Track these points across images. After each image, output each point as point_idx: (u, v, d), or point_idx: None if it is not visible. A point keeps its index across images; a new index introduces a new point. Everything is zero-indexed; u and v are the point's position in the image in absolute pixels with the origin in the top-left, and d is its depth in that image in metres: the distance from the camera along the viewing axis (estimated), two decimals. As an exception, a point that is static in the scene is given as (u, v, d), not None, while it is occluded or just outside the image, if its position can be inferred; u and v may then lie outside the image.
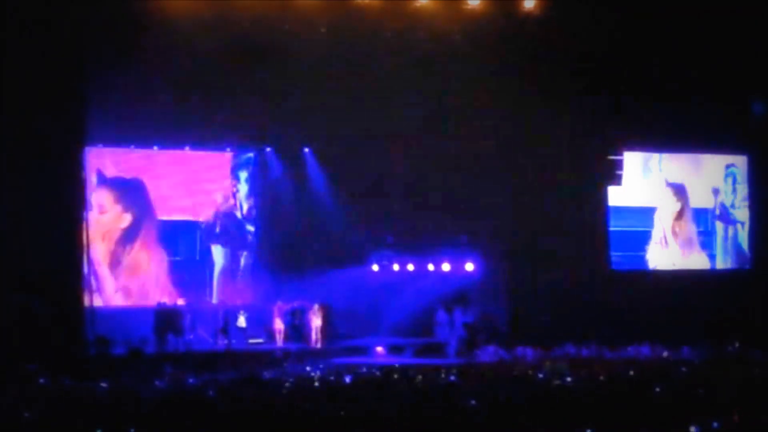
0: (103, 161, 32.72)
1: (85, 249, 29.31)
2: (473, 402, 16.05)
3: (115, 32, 27.65)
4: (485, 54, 30.83)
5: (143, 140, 33.07)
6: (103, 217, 32.98)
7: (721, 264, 37.21)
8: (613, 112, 33.25)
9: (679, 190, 36.55)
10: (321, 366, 25.71)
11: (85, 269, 29.57)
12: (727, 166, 37.22)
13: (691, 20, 31.97)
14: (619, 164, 33.85)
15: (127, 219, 33.38)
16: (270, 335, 32.03)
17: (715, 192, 37.14)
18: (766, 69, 33.53)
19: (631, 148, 34.93)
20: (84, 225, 29.15)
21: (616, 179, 33.92)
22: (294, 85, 30.98)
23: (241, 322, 32.03)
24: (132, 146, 33.14)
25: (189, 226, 34.08)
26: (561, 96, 32.13)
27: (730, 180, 37.30)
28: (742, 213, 37.41)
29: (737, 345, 29.68)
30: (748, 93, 35.07)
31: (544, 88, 31.79)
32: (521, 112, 32.04)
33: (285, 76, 30.54)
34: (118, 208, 33.30)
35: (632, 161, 35.01)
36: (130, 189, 33.44)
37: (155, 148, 33.57)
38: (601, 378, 20.45)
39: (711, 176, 37.14)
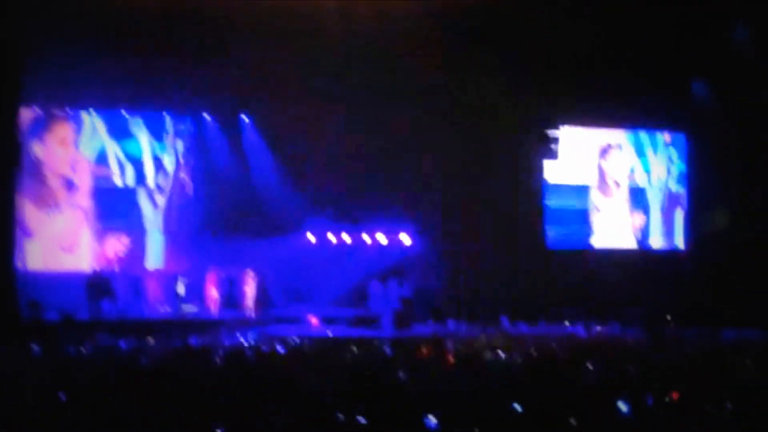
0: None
1: (16, 211, 28.96)
2: (406, 375, 15.96)
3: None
4: (424, 29, 30.79)
5: (78, 102, 32.43)
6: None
7: (656, 244, 37.45)
8: (549, 85, 33.27)
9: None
10: (254, 335, 25.57)
11: (17, 232, 29.16)
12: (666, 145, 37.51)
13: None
14: (555, 138, 33.94)
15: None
16: (203, 303, 31.82)
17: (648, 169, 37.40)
18: (706, 46, 33.66)
19: (568, 122, 35.07)
20: (17, 186, 28.81)
21: (552, 153, 34.03)
22: (231, 50, 30.77)
23: (180, 289, 31.85)
24: (66, 107, 32.53)
25: (122, 193, 33.47)
26: (498, 70, 32.14)
27: (665, 158, 37.49)
28: (675, 192, 37.69)
29: (671, 324, 29.89)
30: (688, 70, 35.21)
31: (481, 62, 31.85)
32: (457, 85, 32.13)
33: (223, 40, 30.34)
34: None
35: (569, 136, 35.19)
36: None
37: (90, 110, 33.00)
38: (534, 354, 20.42)
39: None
